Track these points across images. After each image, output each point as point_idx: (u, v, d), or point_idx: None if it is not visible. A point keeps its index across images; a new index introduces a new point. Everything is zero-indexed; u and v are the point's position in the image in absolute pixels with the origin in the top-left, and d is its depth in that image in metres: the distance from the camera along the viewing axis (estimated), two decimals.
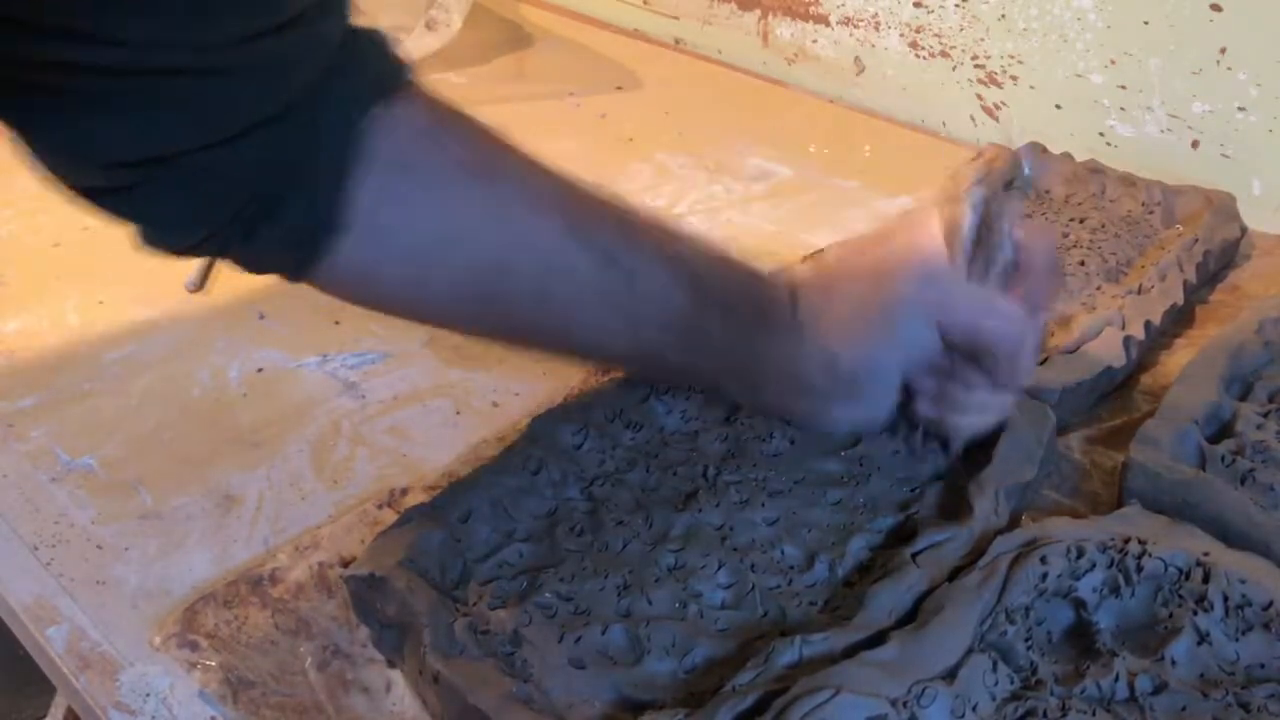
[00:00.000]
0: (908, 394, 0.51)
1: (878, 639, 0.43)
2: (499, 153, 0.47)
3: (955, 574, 0.46)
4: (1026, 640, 0.44)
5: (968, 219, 0.48)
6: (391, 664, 0.46)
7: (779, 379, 0.50)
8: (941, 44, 0.97)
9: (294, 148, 0.41)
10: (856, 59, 1.04)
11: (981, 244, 0.48)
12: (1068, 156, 0.80)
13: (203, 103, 0.39)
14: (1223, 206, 0.73)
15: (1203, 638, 0.43)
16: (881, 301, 0.48)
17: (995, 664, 0.42)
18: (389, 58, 0.46)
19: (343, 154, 0.42)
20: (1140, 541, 0.46)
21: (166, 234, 0.43)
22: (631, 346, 0.49)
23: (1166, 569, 0.46)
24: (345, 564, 0.50)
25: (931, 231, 0.49)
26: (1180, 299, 0.66)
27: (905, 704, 0.40)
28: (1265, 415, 0.55)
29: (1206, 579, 0.45)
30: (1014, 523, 0.51)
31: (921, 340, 0.48)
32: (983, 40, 0.94)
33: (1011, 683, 0.42)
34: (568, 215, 0.46)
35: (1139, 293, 0.66)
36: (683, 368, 0.50)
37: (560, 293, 0.47)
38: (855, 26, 1.03)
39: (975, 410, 0.51)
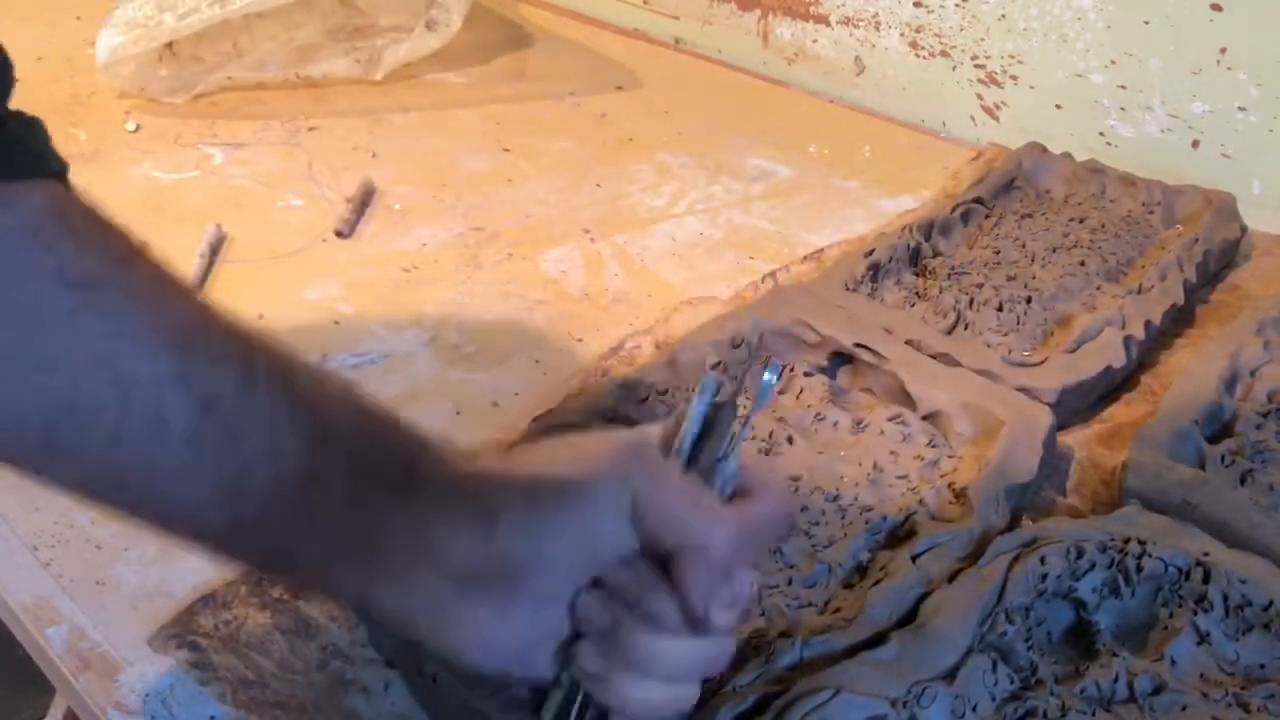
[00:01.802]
0: (570, 641, 0.38)
1: (878, 639, 0.43)
2: (122, 266, 0.38)
3: (955, 574, 0.46)
4: (1026, 640, 0.44)
5: (694, 408, 0.39)
6: (390, 664, 0.46)
7: (407, 558, 0.37)
8: (941, 44, 0.97)
9: None
10: (856, 59, 1.04)
11: (705, 447, 0.38)
12: (1068, 156, 0.80)
13: None
14: (1223, 206, 0.73)
15: (1203, 637, 0.43)
16: (565, 471, 0.37)
17: (995, 664, 0.42)
18: (26, 140, 0.39)
19: None
20: (1140, 541, 0.46)
21: None
22: (227, 521, 0.38)
23: (1166, 569, 0.46)
24: None
25: (648, 430, 0.40)
26: (1180, 299, 0.66)
27: (905, 704, 0.40)
28: (1265, 415, 0.55)
29: (1206, 579, 0.45)
30: (1014, 523, 0.51)
31: (610, 530, 0.36)
32: (983, 40, 0.94)
33: (1011, 683, 0.42)
34: (175, 353, 0.37)
35: (1139, 292, 0.66)
36: (286, 549, 0.38)
37: (139, 445, 0.37)
38: (855, 26, 1.03)
39: (654, 672, 0.37)
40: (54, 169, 0.39)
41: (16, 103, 0.40)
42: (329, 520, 0.37)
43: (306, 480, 0.37)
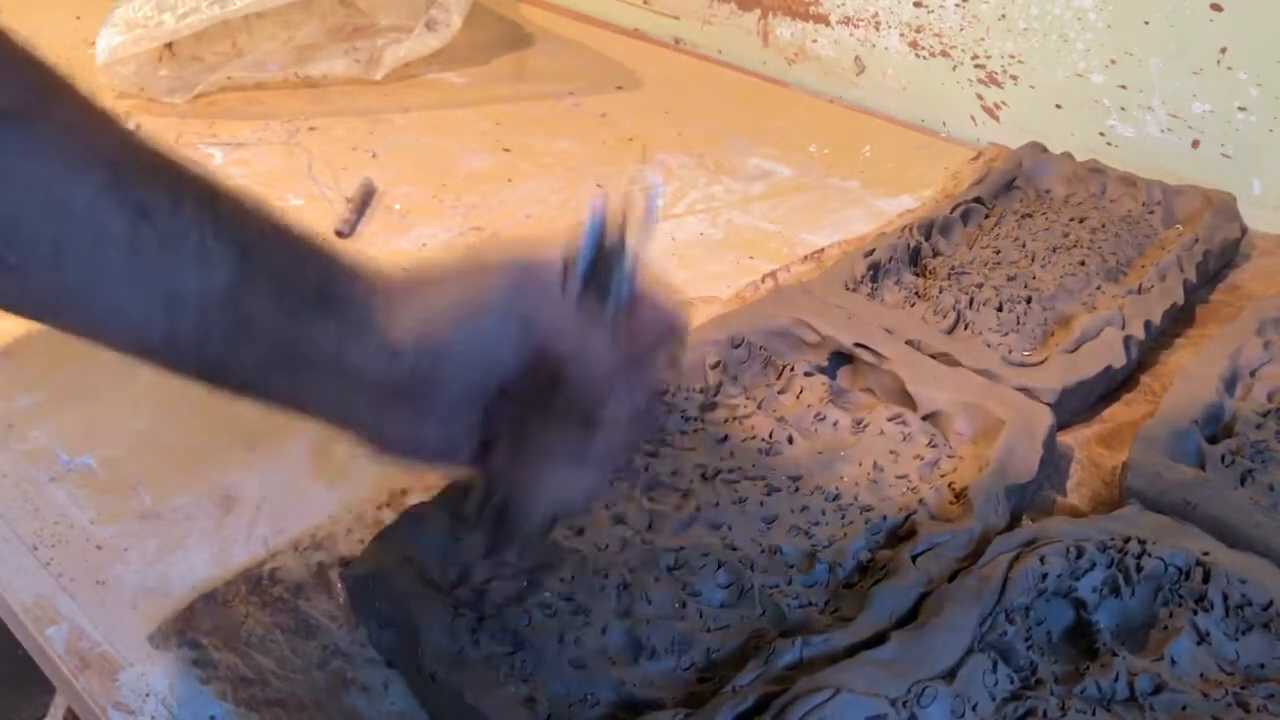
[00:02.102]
0: (485, 448, 0.43)
1: (878, 639, 0.43)
2: (50, 99, 0.41)
3: (955, 574, 0.46)
4: (1026, 640, 0.44)
5: (586, 233, 0.42)
6: (390, 663, 0.46)
7: (331, 374, 0.42)
8: (941, 44, 0.97)
9: None
10: (856, 59, 1.04)
11: (598, 270, 0.42)
12: (1068, 156, 0.80)
13: None
14: (1223, 206, 0.73)
15: (1202, 637, 0.43)
16: (467, 296, 0.42)
17: (995, 664, 0.42)
18: None
19: None
20: (1140, 541, 0.46)
21: None
22: (166, 331, 0.41)
23: (1166, 569, 0.46)
24: (345, 564, 0.50)
25: (549, 249, 0.43)
26: (1180, 299, 0.66)
27: (905, 704, 0.40)
28: (1265, 415, 0.55)
29: (1206, 579, 0.45)
30: (1014, 523, 0.51)
31: (499, 348, 0.41)
32: (983, 40, 0.94)
33: (1011, 682, 0.42)
34: (107, 172, 0.40)
35: (1139, 292, 0.66)
36: (223, 362, 0.42)
37: (80, 260, 0.40)
38: (855, 26, 1.03)
39: (557, 461, 0.43)
40: None
41: None
42: (258, 335, 0.41)
43: (236, 293, 0.40)
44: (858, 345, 0.59)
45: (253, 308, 0.41)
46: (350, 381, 0.41)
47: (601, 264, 0.42)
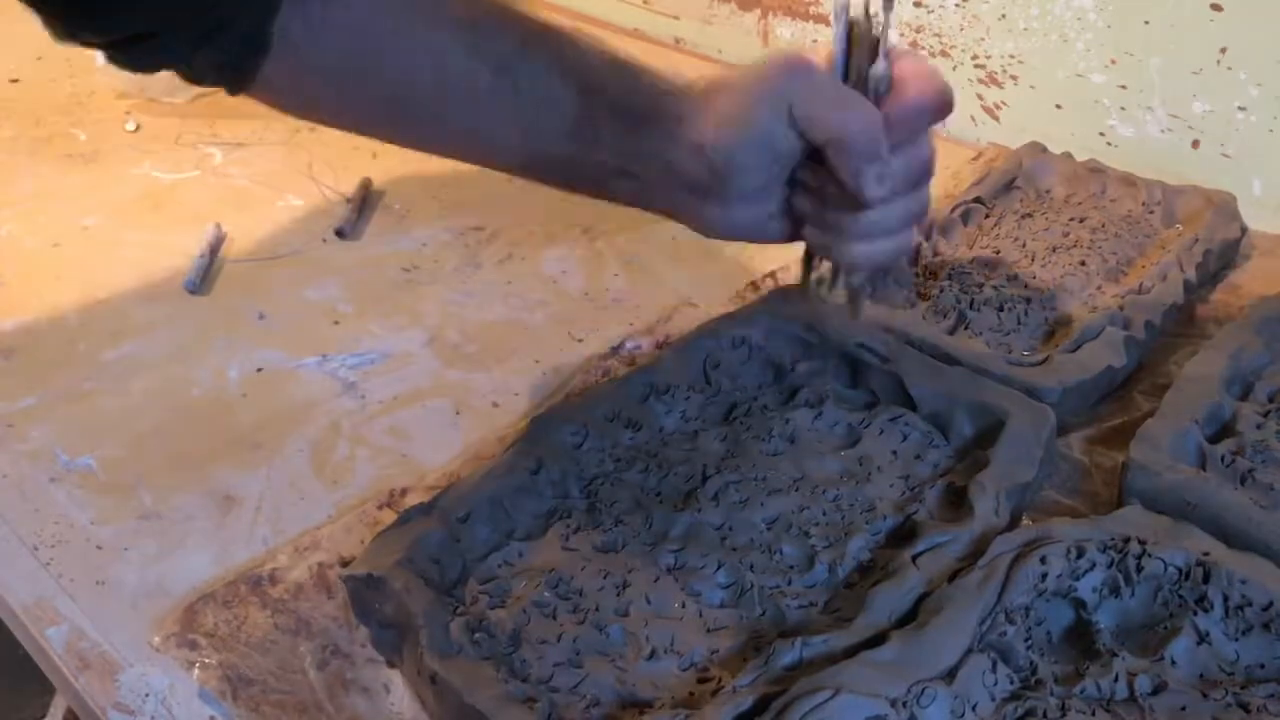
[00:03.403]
0: (798, 223, 0.53)
1: (878, 639, 0.43)
2: None
3: (955, 574, 0.46)
4: (1026, 640, 0.44)
5: (835, 29, 0.48)
6: (390, 664, 0.46)
7: (661, 174, 0.52)
8: (941, 44, 0.97)
9: None
10: None
11: (854, 59, 0.49)
12: (1068, 156, 0.80)
13: None
14: (1223, 206, 0.73)
15: (1203, 638, 0.43)
16: (743, 95, 0.49)
17: (995, 664, 0.42)
18: None
19: None
20: (1140, 541, 0.46)
21: (135, 63, 0.51)
22: (527, 151, 0.54)
23: (1166, 569, 0.46)
24: (345, 564, 0.50)
25: (813, 54, 0.50)
26: (1180, 299, 0.66)
27: (905, 704, 0.40)
28: (1265, 415, 0.55)
29: (1206, 579, 0.45)
30: (1014, 523, 0.51)
31: (776, 133, 0.49)
32: (983, 40, 0.94)
33: (1011, 683, 0.42)
34: (469, 32, 0.51)
35: (1139, 292, 0.66)
36: (578, 170, 0.54)
37: (457, 104, 0.52)
38: None
39: (860, 235, 0.50)
40: None
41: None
42: (601, 151, 0.52)
43: (582, 121, 0.52)
44: (858, 345, 0.59)
45: (595, 129, 0.52)
46: (674, 178, 0.52)
47: (855, 56, 0.48)
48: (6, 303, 0.72)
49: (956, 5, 0.95)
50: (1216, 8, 0.80)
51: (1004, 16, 0.92)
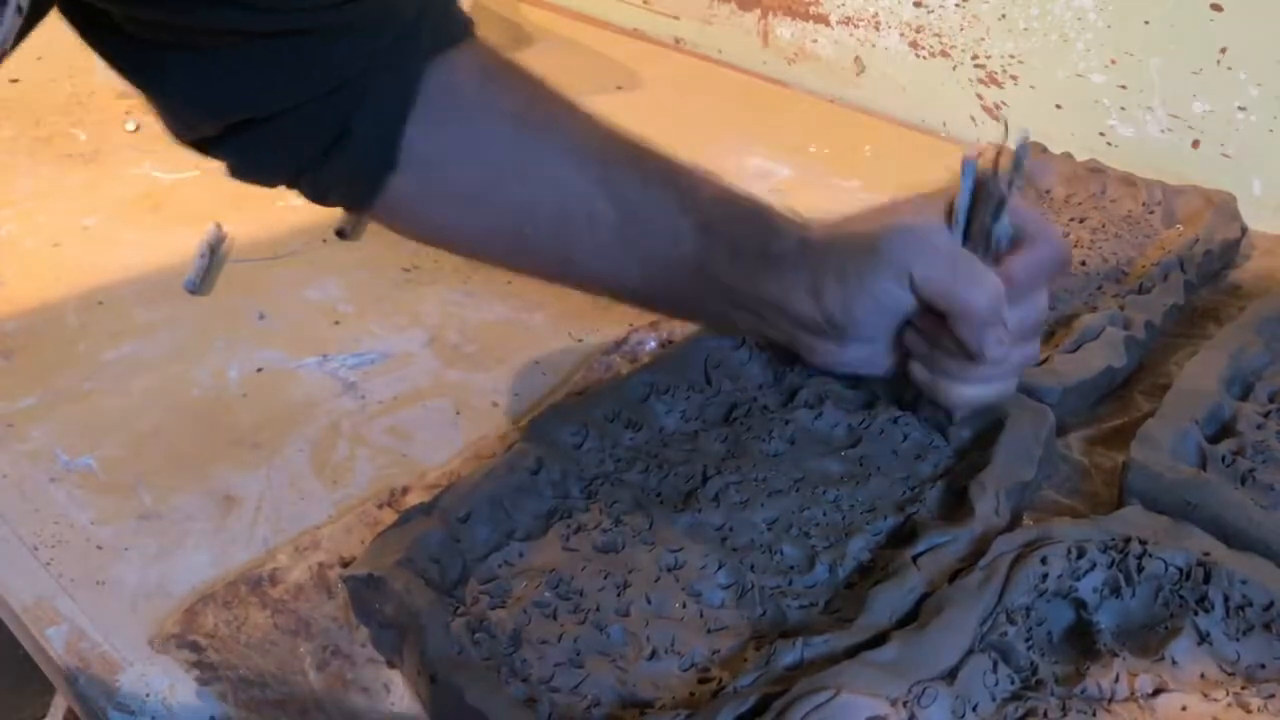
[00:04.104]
0: (907, 354, 0.53)
1: (878, 640, 0.43)
2: (545, 103, 0.53)
3: (955, 574, 0.46)
4: (1027, 640, 0.43)
5: (963, 185, 0.48)
6: (391, 664, 0.46)
7: (779, 316, 0.53)
8: (941, 44, 0.97)
9: (364, 98, 0.49)
10: (856, 59, 1.04)
11: (978, 215, 0.49)
12: (1068, 156, 0.80)
13: (309, 62, 0.48)
14: (1223, 206, 0.73)
15: (1203, 638, 0.43)
16: (864, 255, 0.50)
17: (995, 664, 0.42)
18: (451, 12, 0.53)
19: (402, 102, 0.50)
20: (1140, 541, 0.46)
21: (257, 173, 0.52)
22: (643, 284, 0.54)
23: (1167, 569, 0.46)
24: (345, 564, 0.50)
25: (936, 202, 0.51)
26: (1180, 299, 0.66)
27: (905, 704, 0.40)
28: (1265, 415, 0.55)
29: (1207, 579, 0.45)
30: (1014, 523, 0.51)
31: (891, 294, 0.50)
32: (983, 40, 0.94)
33: (1012, 683, 0.42)
34: (594, 164, 0.52)
35: (1139, 293, 0.66)
36: (693, 304, 0.55)
37: (579, 236, 0.52)
38: (855, 26, 1.03)
39: (969, 379, 0.51)
40: (472, 30, 0.54)
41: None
42: (718, 288, 0.53)
43: (698, 258, 0.52)
44: None
45: (713, 267, 0.52)
46: (790, 318, 0.52)
47: (978, 212, 0.49)
48: (6, 303, 0.72)
49: (956, 5, 0.95)
50: (1216, 8, 0.80)
51: (1004, 16, 0.92)
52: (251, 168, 0.52)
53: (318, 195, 0.53)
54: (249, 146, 0.51)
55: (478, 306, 0.72)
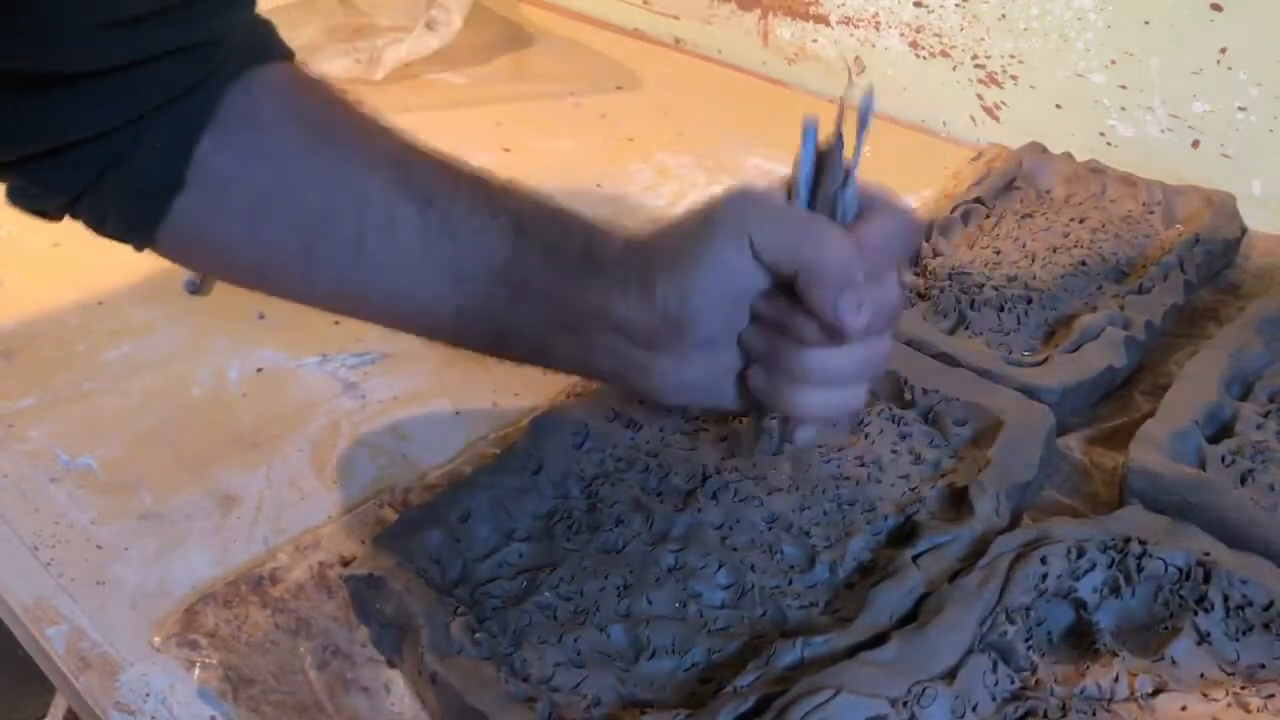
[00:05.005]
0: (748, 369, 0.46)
1: (878, 639, 0.43)
2: (342, 113, 0.49)
3: (955, 574, 0.46)
4: (1027, 640, 0.44)
5: (804, 152, 0.43)
6: (391, 664, 0.46)
7: (606, 330, 0.45)
8: (941, 44, 0.97)
9: (157, 121, 0.45)
10: (856, 59, 1.04)
11: (821, 185, 0.43)
12: (1068, 156, 0.80)
13: (91, 103, 0.43)
14: (1223, 206, 0.73)
15: (1203, 638, 0.43)
16: (693, 229, 0.44)
17: (995, 664, 0.42)
18: (261, 33, 0.50)
19: (195, 122, 0.46)
20: (1140, 541, 0.46)
21: (33, 201, 0.47)
22: (455, 303, 0.47)
23: (1167, 569, 0.46)
24: (345, 564, 0.50)
25: (768, 182, 0.46)
26: (1180, 299, 0.66)
27: (905, 704, 0.40)
28: (1265, 415, 0.55)
29: (1207, 579, 0.45)
30: (1014, 523, 0.51)
31: (735, 267, 0.42)
32: (983, 40, 0.94)
33: (1012, 683, 0.42)
34: (394, 168, 0.47)
35: (1139, 292, 0.66)
36: (508, 326, 0.47)
37: (380, 243, 0.47)
38: (855, 26, 1.03)
39: (815, 381, 0.44)
40: (286, 54, 0.50)
41: None
42: (537, 301, 0.46)
43: (513, 265, 0.46)
44: None
45: (529, 274, 0.46)
46: (619, 331, 0.45)
47: (822, 181, 0.43)
48: (6, 303, 0.72)
49: (956, 5, 0.95)
50: (1216, 8, 0.80)
51: (1004, 16, 0.92)
52: (28, 193, 0.47)
53: (97, 223, 0.48)
54: (31, 175, 0.46)
55: None
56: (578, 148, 0.93)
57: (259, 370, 0.66)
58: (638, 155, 0.92)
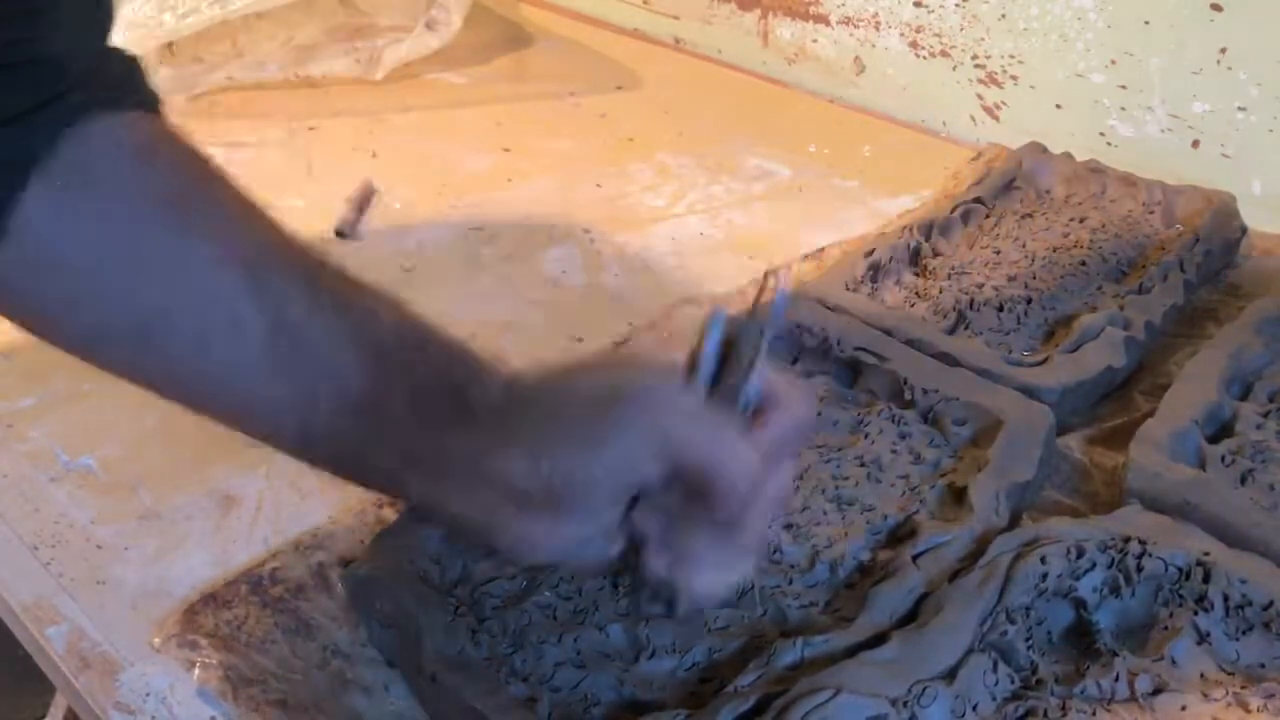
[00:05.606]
0: (634, 543, 0.43)
1: (878, 639, 0.43)
2: (200, 189, 0.44)
3: (955, 574, 0.46)
4: (1027, 640, 0.44)
5: (710, 341, 0.42)
6: (391, 663, 0.46)
7: (470, 479, 0.41)
8: (941, 44, 0.97)
9: None
10: (856, 59, 1.04)
11: (725, 373, 0.42)
12: (1068, 156, 0.80)
13: None
14: (1223, 206, 0.73)
15: (1203, 638, 0.43)
16: (600, 412, 0.41)
17: (995, 664, 0.42)
18: (122, 79, 0.44)
19: (18, 164, 0.40)
20: (1140, 541, 0.46)
21: None
22: (302, 428, 0.42)
23: (1166, 569, 0.46)
24: (345, 564, 0.50)
25: (674, 357, 0.44)
26: (1180, 299, 0.66)
27: (905, 704, 0.40)
28: (1265, 415, 0.55)
29: (1206, 579, 0.45)
30: (1014, 523, 0.51)
31: (637, 464, 0.40)
32: (983, 40, 0.94)
33: (1012, 682, 0.42)
34: (251, 268, 0.42)
35: (1139, 293, 0.66)
36: (362, 458, 0.43)
37: (222, 351, 0.42)
38: (855, 26, 1.03)
39: (707, 566, 0.42)
40: (149, 102, 0.44)
41: None
42: (394, 439, 0.42)
43: (370, 399, 0.41)
44: (858, 348, 0.59)
45: (387, 415, 0.41)
46: (487, 486, 0.41)
47: (728, 369, 0.42)
48: None
49: (956, 5, 0.95)
50: (1216, 8, 0.80)
51: (1004, 16, 0.92)
52: None
53: None
54: None
55: (478, 306, 0.72)
56: (578, 148, 0.93)
57: None
58: (638, 155, 0.92)
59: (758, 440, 0.41)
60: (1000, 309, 0.65)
